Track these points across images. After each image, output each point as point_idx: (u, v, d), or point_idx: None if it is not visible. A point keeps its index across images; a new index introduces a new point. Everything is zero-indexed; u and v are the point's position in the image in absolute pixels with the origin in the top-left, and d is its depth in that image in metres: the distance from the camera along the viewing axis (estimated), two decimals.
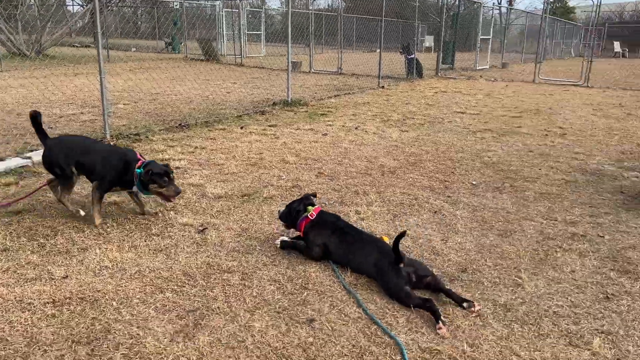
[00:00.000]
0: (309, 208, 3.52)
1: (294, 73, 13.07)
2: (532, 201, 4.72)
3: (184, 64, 18.45)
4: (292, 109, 9.42)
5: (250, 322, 2.69)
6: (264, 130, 7.53)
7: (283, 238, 3.64)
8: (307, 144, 6.67)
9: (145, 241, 3.66)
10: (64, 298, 2.87)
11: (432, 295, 2.95)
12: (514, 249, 3.68)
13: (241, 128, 7.61)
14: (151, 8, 28.83)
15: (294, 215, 3.55)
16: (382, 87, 13.34)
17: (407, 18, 24.53)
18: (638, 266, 3.45)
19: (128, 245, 3.58)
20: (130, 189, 4.00)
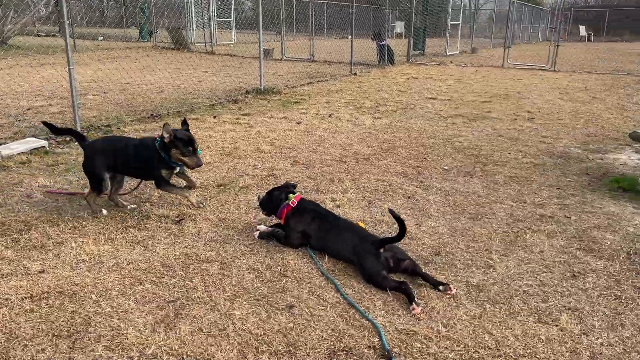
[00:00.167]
0: (290, 196, 3.56)
1: (266, 61, 12.99)
2: (502, 185, 4.85)
3: (154, 53, 18.13)
4: (265, 98, 9.40)
5: (230, 311, 2.74)
6: (238, 119, 7.51)
7: (261, 227, 3.68)
8: (282, 133, 6.69)
9: (121, 233, 3.65)
10: (42, 292, 2.86)
11: (408, 278, 3.04)
12: (485, 232, 3.80)
13: (214, 117, 7.57)
14: None
15: (275, 203, 3.59)
16: (355, 74, 13.39)
17: (378, 4, 24.56)
18: (602, 245, 3.61)
19: (104, 238, 3.57)
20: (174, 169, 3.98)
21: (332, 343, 2.49)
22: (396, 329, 2.61)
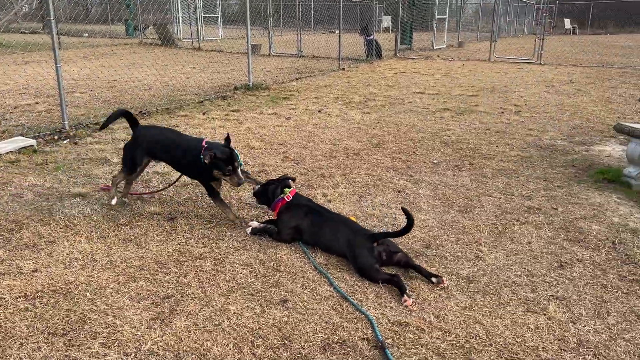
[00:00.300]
0: (286, 190, 3.59)
1: (254, 56, 12.95)
2: (490, 177, 4.92)
3: (141, 50, 18.00)
4: (254, 93, 9.39)
5: (225, 306, 2.77)
6: (227, 115, 7.51)
7: (253, 223, 3.70)
8: (271, 129, 6.70)
9: (114, 231, 3.65)
10: (36, 291, 2.87)
11: (399, 270, 3.09)
12: (474, 224, 3.86)
13: (203, 114, 7.56)
14: None
15: (270, 196, 3.62)
16: (343, 69, 13.41)
17: None
18: (589, 235, 3.69)
19: (97, 236, 3.58)
20: None
21: (327, 336, 2.53)
22: (389, 321, 2.65)
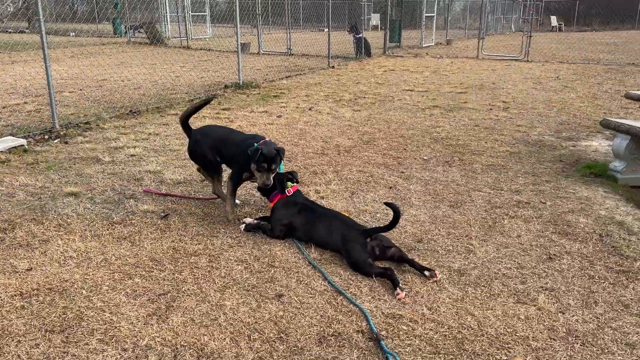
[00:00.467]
0: (288, 184, 3.62)
1: (244, 55, 12.92)
2: (480, 173, 4.99)
3: (129, 49, 17.90)
4: (245, 92, 9.40)
5: (221, 301, 2.80)
6: (218, 114, 7.52)
7: (247, 220, 3.73)
8: (262, 127, 6.72)
9: (108, 230, 3.67)
10: (31, 290, 2.88)
11: (393, 265, 3.14)
12: (465, 218, 3.92)
13: None
14: None
15: (271, 187, 3.62)
16: (333, 67, 13.45)
17: None
18: (576, 228, 3.76)
19: (90, 234, 3.59)
20: None
21: (322, 329, 2.58)
22: (383, 314, 2.70)
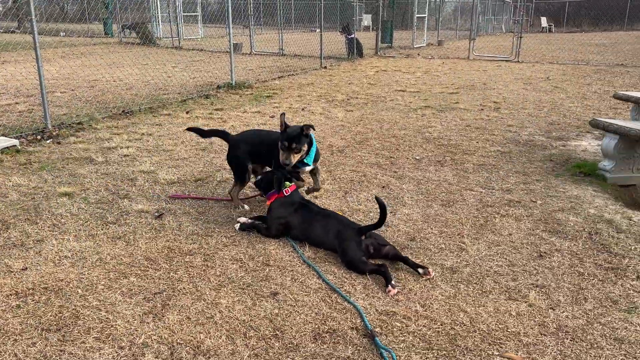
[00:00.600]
0: (286, 184, 3.64)
1: (236, 55, 12.92)
2: (471, 172, 5.05)
3: (120, 49, 17.83)
4: (237, 92, 9.42)
5: (216, 299, 2.82)
6: (211, 114, 7.53)
7: (241, 219, 3.76)
8: (255, 127, 6.74)
9: (102, 229, 3.68)
10: (27, 289, 2.88)
11: (387, 262, 3.18)
12: (457, 217, 3.97)
13: (187, 113, 7.57)
14: None
15: (269, 185, 3.67)
16: (325, 68, 13.49)
17: None
18: (566, 226, 3.82)
19: (85, 234, 3.59)
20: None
21: (317, 326, 2.61)
22: (377, 311, 2.74)
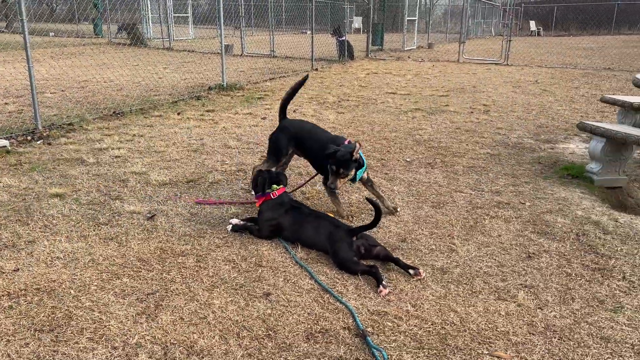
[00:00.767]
0: (274, 187, 3.66)
1: (227, 56, 12.91)
2: (461, 174, 5.10)
3: (110, 49, 17.75)
4: (229, 93, 9.42)
5: (209, 300, 2.84)
6: (202, 115, 7.53)
7: (233, 220, 3.77)
8: (248, 128, 6.76)
9: (94, 231, 3.68)
10: (19, 290, 2.88)
11: (378, 263, 3.21)
12: (447, 219, 4.02)
13: (178, 114, 7.57)
14: None
15: (259, 186, 3.69)
16: (316, 70, 13.53)
17: None
18: (554, 228, 3.89)
19: (77, 235, 3.59)
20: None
21: (309, 326, 2.63)
22: (368, 311, 2.77)
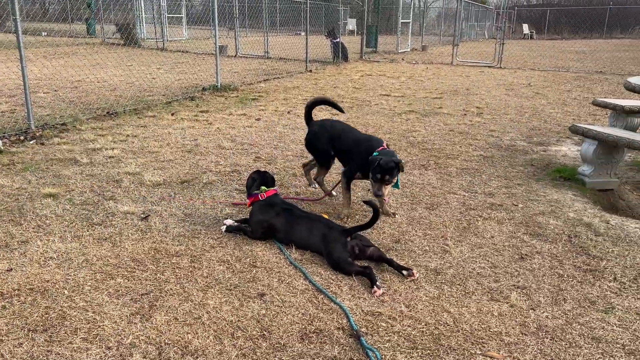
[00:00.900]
0: (262, 188, 3.67)
1: (221, 57, 12.91)
2: (455, 176, 5.13)
3: (103, 49, 17.69)
4: (223, 94, 9.42)
5: (204, 300, 2.84)
6: (196, 116, 7.53)
7: (227, 221, 3.78)
8: (242, 129, 6.76)
9: (88, 231, 3.67)
10: (12, 290, 2.87)
11: (372, 263, 3.23)
12: (441, 220, 4.04)
13: (172, 115, 7.56)
14: None
15: (250, 187, 3.71)
16: (310, 71, 13.55)
17: (330, 1, 24.79)
18: (547, 229, 3.92)
19: (71, 235, 3.58)
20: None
21: (304, 326, 2.64)
22: (362, 311, 2.79)
